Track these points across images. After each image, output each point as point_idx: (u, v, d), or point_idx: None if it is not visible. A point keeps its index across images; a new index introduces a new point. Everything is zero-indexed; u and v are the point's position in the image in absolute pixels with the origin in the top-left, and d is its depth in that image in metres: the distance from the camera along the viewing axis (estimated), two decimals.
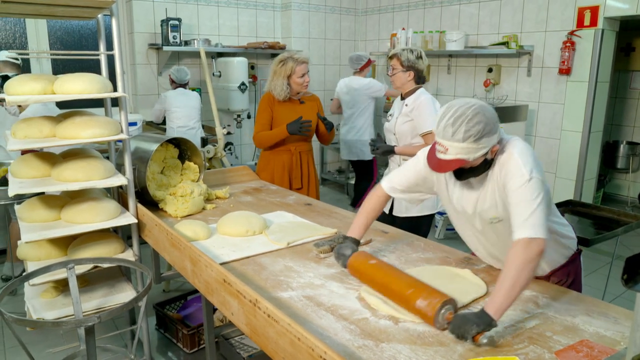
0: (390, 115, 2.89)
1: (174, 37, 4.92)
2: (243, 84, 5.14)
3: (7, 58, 3.55)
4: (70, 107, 2.64)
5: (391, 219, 2.78)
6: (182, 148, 2.65)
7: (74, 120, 2.08)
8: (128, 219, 2.18)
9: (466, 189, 1.60)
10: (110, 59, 2.25)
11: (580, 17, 4.16)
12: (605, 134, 4.73)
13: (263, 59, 5.87)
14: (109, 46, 2.23)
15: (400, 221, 2.80)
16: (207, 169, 2.93)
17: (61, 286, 2.22)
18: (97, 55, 2.34)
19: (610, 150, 5.55)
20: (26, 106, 3.35)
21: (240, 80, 5.12)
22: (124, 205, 2.32)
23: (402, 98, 2.81)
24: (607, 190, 5.78)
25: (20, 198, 2.59)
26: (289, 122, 2.91)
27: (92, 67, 3.02)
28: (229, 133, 4.94)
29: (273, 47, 5.58)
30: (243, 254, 1.88)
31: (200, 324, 2.67)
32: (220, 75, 5.21)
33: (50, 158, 2.21)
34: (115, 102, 2.27)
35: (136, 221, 2.21)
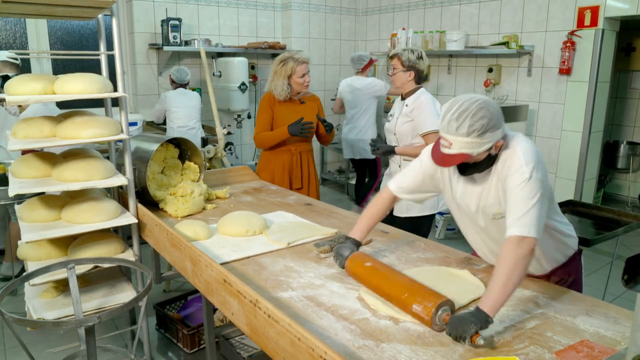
0: (391, 115, 2.89)
1: (174, 37, 4.92)
2: (243, 84, 5.14)
3: (6, 58, 3.55)
4: (70, 107, 2.64)
5: (391, 219, 2.78)
6: (182, 148, 2.66)
7: (74, 120, 2.08)
8: (128, 219, 2.18)
9: (470, 185, 1.61)
10: (111, 59, 2.25)
11: (580, 17, 4.15)
12: (605, 134, 4.73)
13: (263, 59, 5.86)
14: (109, 46, 2.24)
15: (401, 221, 2.80)
16: (207, 169, 2.93)
17: (61, 286, 2.22)
18: (98, 55, 2.34)
19: (610, 150, 5.55)
20: (26, 106, 3.35)
21: (240, 81, 5.12)
22: (124, 205, 2.32)
23: (403, 98, 2.81)
24: (608, 190, 5.78)
25: (20, 198, 2.59)
26: (290, 123, 2.91)
27: (92, 67, 3.03)
28: (229, 133, 4.94)
29: (273, 47, 5.58)
30: (243, 254, 1.88)
31: (201, 324, 2.67)
32: (220, 75, 5.21)
33: (51, 158, 2.21)
34: (115, 102, 2.27)
35: (136, 221, 2.21)
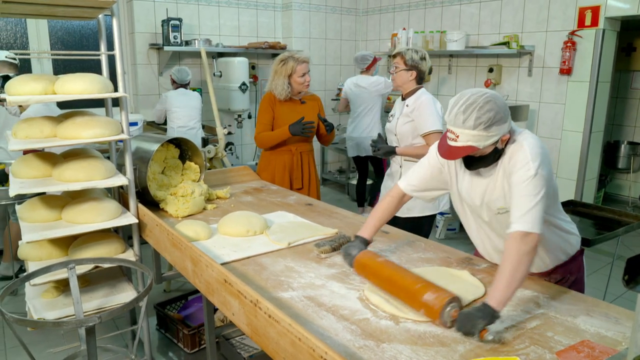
0: (392, 115, 2.89)
1: (174, 37, 4.92)
2: (244, 84, 5.14)
3: (5, 58, 3.55)
4: (71, 107, 2.64)
5: (393, 220, 2.77)
6: (182, 148, 2.66)
7: (74, 120, 2.08)
8: (129, 219, 2.18)
9: (475, 179, 1.61)
10: (111, 59, 2.25)
11: (581, 17, 4.15)
12: (606, 134, 4.73)
13: (264, 59, 5.86)
14: (110, 46, 2.24)
15: (402, 221, 2.79)
16: (207, 169, 2.92)
17: (62, 286, 2.22)
18: (98, 55, 2.34)
19: (611, 150, 5.55)
20: (27, 106, 3.35)
21: (241, 81, 5.12)
22: (125, 205, 2.33)
23: (403, 98, 2.81)
24: (608, 190, 5.78)
25: (21, 198, 2.59)
26: (291, 123, 2.91)
27: (93, 67, 3.02)
28: (229, 133, 4.95)
29: (274, 47, 5.57)
30: (244, 254, 1.88)
31: (201, 324, 2.67)
32: (221, 76, 5.21)
33: (51, 158, 2.21)
34: (116, 102, 2.28)
35: (137, 221, 2.21)
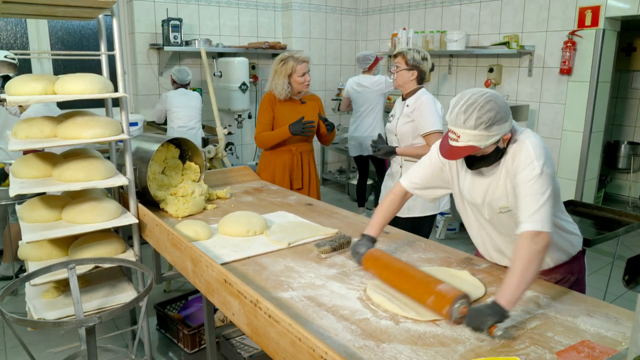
0: (392, 116, 2.89)
1: (174, 37, 4.92)
2: (244, 84, 5.14)
3: (3, 58, 3.54)
4: (71, 108, 2.64)
5: (393, 220, 2.77)
6: (183, 148, 2.66)
7: (75, 120, 2.08)
8: (129, 219, 2.18)
9: (477, 178, 1.62)
10: (111, 59, 2.25)
11: (581, 17, 4.15)
12: (606, 134, 4.73)
13: (264, 59, 5.87)
14: (110, 46, 2.24)
15: (402, 222, 2.79)
16: (208, 169, 2.92)
17: (62, 286, 2.22)
18: (98, 55, 2.34)
19: (611, 150, 5.55)
20: (27, 106, 3.35)
21: (241, 81, 5.12)
22: (125, 205, 2.33)
23: (403, 99, 2.81)
24: (608, 190, 5.77)
25: (21, 198, 2.59)
26: (291, 123, 2.91)
27: (93, 67, 3.03)
28: (229, 133, 4.95)
29: (274, 47, 5.57)
30: (244, 254, 1.88)
31: (201, 324, 2.67)
32: (221, 76, 5.21)
33: (51, 158, 2.21)
34: (116, 102, 2.28)
35: (137, 221, 2.21)
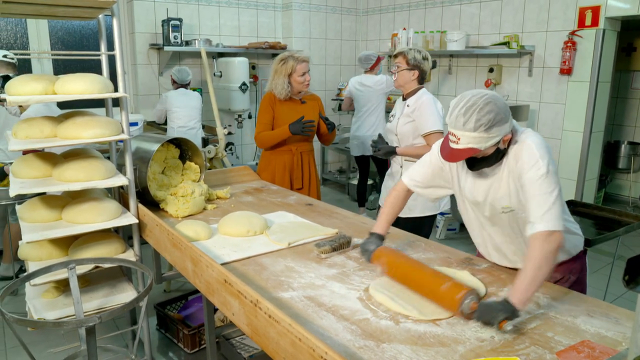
0: (392, 116, 2.88)
1: (174, 37, 4.92)
2: (244, 84, 5.14)
3: (2, 58, 3.54)
4: (71, 108, 2.64)
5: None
6: (183, 148, 2.66)
7: (75, 120, 2.08)
8: (129, 219, 2.18)
9: (478, 178, 1.62)
10: (111, 59, 2.25)
11: (581, 17, 4.15)
12: (606, 134, 4.72)
13: (264, 59, 5.86)
14: (110, 46, 2.24)
15: (403, 222, 2.79)
16: (208, 169, 2.92)
17: (62, 286, 2.22)
18: (98, 55, 2.34)
19: (611, 150, 5.55)
20: (27, 106, 3.35)
21: (241, 81, 5.12)
22: (125, 205, 2.33)
23: (404, 99, 2.81)
24: (609, 190, 5.77)
25: (21, 198, 2.59)
26: (291, 122, 2.91)
27: (93, 67, 3.03)
28: (229, 133, 4.95)
29: (274, 47, 5.57)
30: (244, 254, 1.88)
31: (201, 324, 2.67)
32: (221, 76, 5.21)
33: (52, 158, 2.21)
34: (116, 102, 2.28)
35: (137, 221, 2.21)
